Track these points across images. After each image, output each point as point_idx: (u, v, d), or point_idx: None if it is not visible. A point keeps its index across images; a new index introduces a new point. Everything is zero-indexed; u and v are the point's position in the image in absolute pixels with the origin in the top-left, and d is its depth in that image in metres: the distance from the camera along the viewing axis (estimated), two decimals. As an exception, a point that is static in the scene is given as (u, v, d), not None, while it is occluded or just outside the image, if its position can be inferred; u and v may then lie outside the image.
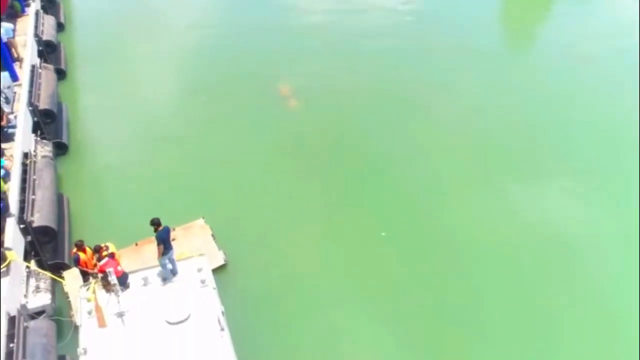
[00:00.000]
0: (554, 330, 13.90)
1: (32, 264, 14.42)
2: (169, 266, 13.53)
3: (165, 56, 26.81)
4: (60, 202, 16.57)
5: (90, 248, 13.52)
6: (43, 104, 19.62)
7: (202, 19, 30.56)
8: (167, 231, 13.48)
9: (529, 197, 18.09)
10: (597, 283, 15.13)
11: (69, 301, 14.21)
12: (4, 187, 15.10)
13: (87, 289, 13.16)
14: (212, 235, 15.61)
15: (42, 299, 13.39)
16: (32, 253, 14.86)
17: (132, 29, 29.23)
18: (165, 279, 13.40)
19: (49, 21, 26.08)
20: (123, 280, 13.12)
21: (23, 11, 25.78)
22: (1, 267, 12.59)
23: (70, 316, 13.74)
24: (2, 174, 15.32)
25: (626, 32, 27.53)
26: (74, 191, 18.36)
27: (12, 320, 12.11)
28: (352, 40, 27.75)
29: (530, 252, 16.00)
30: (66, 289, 14.53)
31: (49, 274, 13.99)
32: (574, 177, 18.98)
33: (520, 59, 27.58)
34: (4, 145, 16.74)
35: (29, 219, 14.61)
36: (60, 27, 28.26)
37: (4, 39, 20.83)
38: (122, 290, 12.85)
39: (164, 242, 13.31)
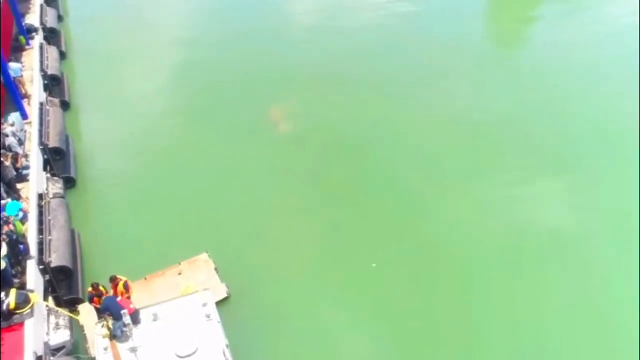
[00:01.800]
0: (549, 332, 15.26)
1: (50, 302, 15.72)
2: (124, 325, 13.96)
3: (162, 78, 28.12)
4: (73, 239, 17.84)
5: (104, 287, 14.82)
6: (52, 142, 20.88)
7: (196, 35, 31.87)
8: (110, 300, 13.98)
9: (519, 196, 19.71)
10: (590, 281, 16.58)
11: (85, 334, 15.52)
12: (22, 228, 16.37)
13: (102, 326, 14.46)
14: (215, 269, 16.89)
15: (62, 336, 14.70)
16: (50, 290, 16.15)
17: (127, 50, 30.50)
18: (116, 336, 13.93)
19: (52, 53, 27.24)
20: (135, 316, 14.40)
21: (28, 44, 26.92)
22: (26, 309, 13.86)
23: (86, 349, 15.07)
24: (20, 216, 16.56)
25: (612, 28, 29.28)
26: (84, 225, 19.56)
27: (38, 360, 13.44)
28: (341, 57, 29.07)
29: (523, 252, 17.58)
30: (82, 322, 15.83)
31: (66, 312, 15.28)
32: (564, 175, 20.63)
33: (508, 55, 29.48)
34: (18, 186, 18.06)
35: (47, 259, 15.92)
36: (62, 55, 29.42)
37: (13, 78, 22.04)
38: (135, 326, 14.20)
39: (108, 310, 13.85)
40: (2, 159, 17.40)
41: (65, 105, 25.39)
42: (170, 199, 20.36)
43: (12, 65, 22.62)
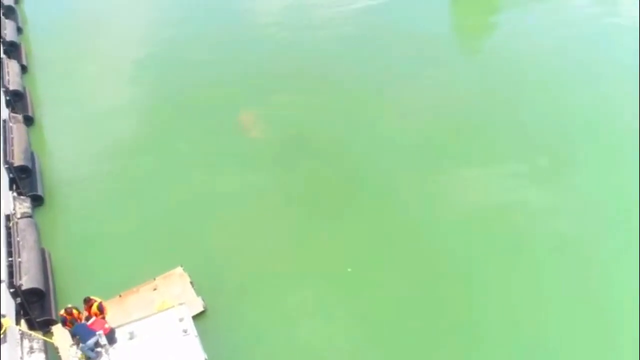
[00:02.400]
0: (544, 329, 15.41)
1: (23, 325, 15.50)
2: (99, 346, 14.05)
3: (127, 86, 27.93)
4: (43, 259, 17.58)
5: (77, 310, 14.65)
6: (18, 160, 20.52)
7: (159, 41, 31.68)
8: (80, 328, 14.06)
9: (502, 186, 20.13)
10: (587, 273, 16.75)
11: (60, 356, 15.33)
12: (-10, 252, 16.09)
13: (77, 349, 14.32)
14: (191, 283, 16.84)
15: (38, 359, 14.51)
16: (22, 313, 15.91)
17: (91, 59, 30.22)
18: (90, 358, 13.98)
19: (13, 68, 26.74)
20: (110, 336, 14.33)
21: (-13, 59, 26.42)
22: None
23: (62, 371, 14.94)
24: (-13, 240, 16.28)
25: (569, 29, 29.81)
26: (54, 243, 19.25)
27: (12, 385, 13.26)
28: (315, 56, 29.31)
29: (511, 247, 17.82)
30: (56, 344, 15.63)
31: (40, 335, 15.09)
32: (530, 161, 21.09)
33: (476, 45, 30.58)
34: (-16, 207, 17.72)
35: (18, 282, 15.68)
36: (23, 69, 28.86)
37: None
38: (111, 346, 14.12)
39: (77, 335, 14.06)
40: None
41: (29, 121, 24.96)
42: (141, 213, 20.17)
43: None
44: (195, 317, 15.64)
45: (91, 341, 13.89)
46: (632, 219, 18.07)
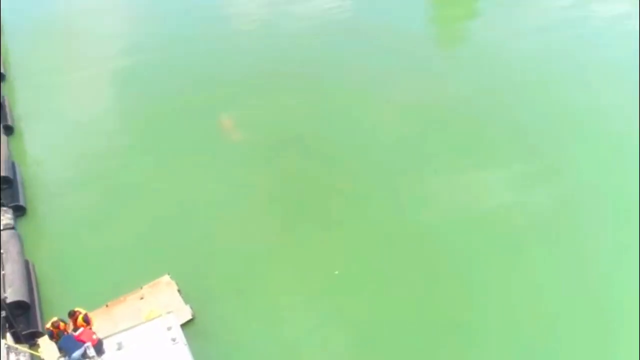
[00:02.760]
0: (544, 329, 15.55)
1: (9, 338, 15.31)
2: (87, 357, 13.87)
3: (106, 92, 27.81)
4: (27, 270, 17.39)
5: (64, 322, 14.50)
6: (-2, 171, 20.26)
7: (135, 43, 31.57)
8: (66, 340, 13.91)
9: (489, 183, 20.37)
10: (585, 270, 16.95)
11: (47, 368, 15.24)
12: (-27, 265, 15.89)
13: (65, 362, 14.20)
14: (179, 291, 16.76)
15: (24, 373, 14.37)
16: (7, 326, 15.70)
17: (69, 64, 29.89)
18: None
19: (-9, 78, 26.35)
20: (98, 347, 14.18)
21: (-37, 69, 26.00)
22: (-17, 350, 13.49)
23: (51, 383, 14.78)
24: (-30, 253, 16.07)
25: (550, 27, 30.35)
26: (38, 254, 19.00)
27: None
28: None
29: (502, 243, 18.04)
30: (43, 356, 15.47)
31: (26, 348, 14.92)
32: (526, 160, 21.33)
33: (456, 42, 31.05)
34: (-35, 220, 17.49)
35: (3, 295, 15.47)
36: (1, 78, 28.44)
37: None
38: (99, 357, 14.01)
39: (63, 349, 13.92)
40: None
41: (8, 130, 24.62)
42: (126, 222, 19.99)
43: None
44: (184, 325, 15.56)
45: (77, 353, 13.75)
46: (631, 220, 18.26)
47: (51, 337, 14.61)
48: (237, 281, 17.41)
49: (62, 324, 14.43)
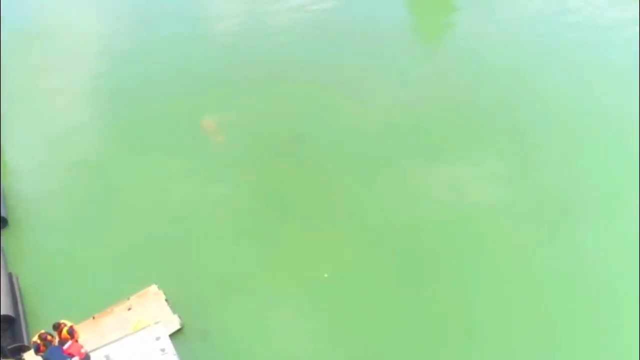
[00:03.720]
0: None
1: (-6, 354, 15.13)
2: None
3: (85, 98, 27.27)
4: (11, 284, 17.16)
5: (51, 335, 14.36)
6: (-22, 183, 19.93)
7: (112, 45, 31.15)
8: (54, 352, 13.81)
9: (476, 180, 20.35)
10: (582, 269, 16.99)
11: (34, 384, 15.04)
12: (-45, 280, 15.63)
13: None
14: (166, 300, 16.66)
15: (11, 389, 14.19)
16: (-8, 341, 15.53)
17: (48, 72, 29.20)
18: None
19: (-32, 86, 25.87)
20: (86, 361, 14.13)
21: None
22: (-32, 367, 13.29)
23: (37, 399, 14.59)
24: (-49, 268, 15.80)
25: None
26: (22, 266, 18.71)
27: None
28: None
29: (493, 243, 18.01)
30: (29, 371, 15.33)
31: (13, 364, 14.77)
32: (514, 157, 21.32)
33: (439, 38, 31.06)
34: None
35: (-14, 310, 15.27)
36: (-22, 86, 27.98)
37: None
38: (87, 371, 13.92)
39: None
40: None
41: (-14, 137, 24.25)
42: (111, 231, 19.71)
43: None
44: (173, 335, 15.53)
45: None
46: (630, 219, 18.29)
47: (37, 351, 14.45)
48: (226, 289, 17.28)
49: (49, 337, 14.31)
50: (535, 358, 15.19)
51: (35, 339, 14.37)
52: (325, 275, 17.66)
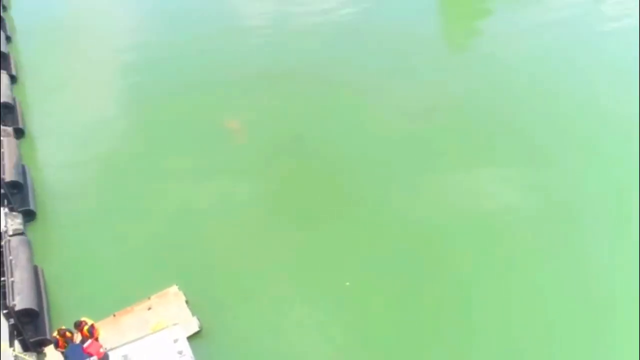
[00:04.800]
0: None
1: (17, 346, 15.37)
2: None
3: (117, 93, 27.90)
4: (37, 277, 17.44)
5: (70, 332, 14.54)
6: (9, 176, 20.32)
7: (144, 43, 31.71)
8: (73, 349, 14.00)
9: (498, 186, 20.41)
10: (585, 273, 17.11)
11: (53, 378, 15.29)
12: (-17, 272, 15.95)
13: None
14: (186, 302, 16.75)
15: (32, 383, 14.42)
16: (15, 333, 15.77)
17: (80, 65, 29.89)
18: None
19: (3, 80, 26.44)
20: (104, 360, 14.28)
21: (-24, 71, 26.13)
22: (-9, 359, 13.55)
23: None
24: (-20, 259, 16.12)
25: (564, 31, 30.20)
26: (47, 259, 18.98)
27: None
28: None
29: (510, 247, 18.18)
30: (49, 365, 15.57)
31: (33, 358, 14.98)
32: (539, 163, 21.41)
33: (466, 44, 31.01)
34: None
35: (11, 303, 15.54)
36: (12, 79, 28.54)
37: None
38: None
39: (68, 358, 13.98)
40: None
41: (19, 133, 24.70)
42: (137, 228, 19.92)
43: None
44: (191, 338, 15.59)
45: None
46: (632, 224, 18.33)
47: (56, 346, 14.68)
48: (246, 293, 17.33)
49: (68, 333, 14.49)
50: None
51: (54, 334, 14.58)
52: (347, 283, 17.60)
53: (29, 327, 16.09)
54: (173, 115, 25.74)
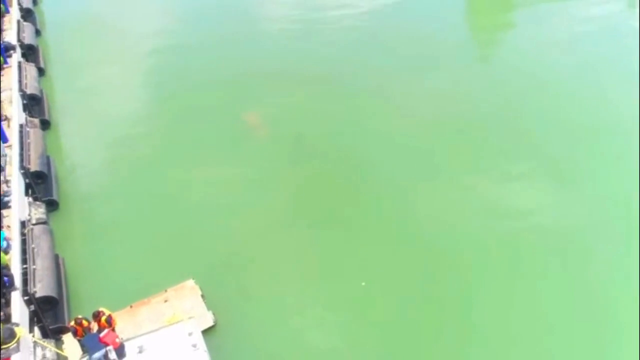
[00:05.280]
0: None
1: (36, 332, 15.74)
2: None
3: (141, 89, 28.39)
4: (57, 265, 17.82)
5: (87, 320, 14.85)
6: (34, 166, 20.78)
7: (170, 42, 32.10)
8: (90, 339, 14.27)
9: (514, 193, 20.46)
10: (589, 279, 17.19)
11: (70, 365, 15.62)
12: (5, 259, 16.30)
13: (87, 360, 14.52)
14: (202, 296, 16.96)
15: (50, 369, 14.75)
16: (35, 320, 16.15)
17: (107, 61, 30.43)
18: None
19: (31, 72, 27.02)
20: (120, 351, 14.45)
21: (5, 62, 26.65)
22: (12, 343, 13.89)
23: (73, 379, 15.15)
24: (4, 246, 16.49)
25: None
26: (69, 249, 19.46)
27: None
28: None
29: (521, 254, 18.22)
30: (66, 353, 15.85)
31: (52, 345, 15.31)
32: (556, 171, 21.39)
33: (489, 51, 30.97)
34: (-1, 212, 17.98)
35: (32, 290, 15.91)
36: (40, 72, 29.14)
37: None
38: None
39: (85, 347, 14.26)
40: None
41: (45, 124, 25.23)
42: (157, 221, 20.33)
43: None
44: (205, 332, 15.79)
45: (99, 354, 14.03)
46: (633, 224, 18.38)
47: (74, 334, 15.01)
48: (261, 289, 17.54)
49: (85, 322, 14.80)
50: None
51: (72, 323, 14.90)
52: (363, 283, 17.70)
53: (48, 314, 16.45)
54: (197, 112, 26.03)
